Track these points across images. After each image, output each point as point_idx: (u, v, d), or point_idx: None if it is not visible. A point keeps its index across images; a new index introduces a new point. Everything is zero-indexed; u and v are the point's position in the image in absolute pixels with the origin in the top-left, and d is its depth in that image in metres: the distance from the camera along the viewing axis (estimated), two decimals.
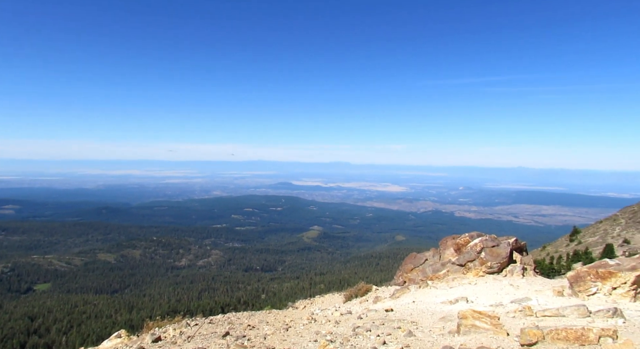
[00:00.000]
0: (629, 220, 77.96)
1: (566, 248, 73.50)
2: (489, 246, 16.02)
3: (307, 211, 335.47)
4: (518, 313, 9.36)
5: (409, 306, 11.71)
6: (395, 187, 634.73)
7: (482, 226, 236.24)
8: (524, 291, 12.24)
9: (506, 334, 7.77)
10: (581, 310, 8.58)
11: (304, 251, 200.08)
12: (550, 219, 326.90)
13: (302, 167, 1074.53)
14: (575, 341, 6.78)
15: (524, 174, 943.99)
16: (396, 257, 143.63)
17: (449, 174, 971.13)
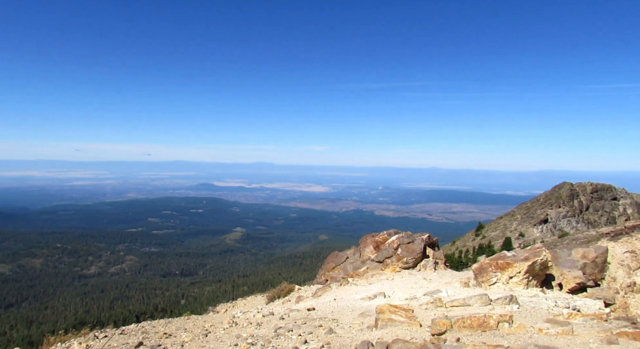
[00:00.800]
0: (524, 215, 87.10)
1: (472, 242, 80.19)
2: (405, 243, 16.91)
3: (230, 213, 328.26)
4: (430, 304, 10.00)
5: (330, 303, 11.96)
6: (318, 187, 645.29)
7: (400, 224, 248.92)
8: (435, 284, 13.12)
9: (419, 325, 8.26)
10: (483, 299, 9.40)
11: (226, 253, 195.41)
12: (459, 216, 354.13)
13: (224, 168, 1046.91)
14: (478, 327, 7.41)
15: (436, 174, 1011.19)
16: (319, 256, 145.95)
17: (369, 174, 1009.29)
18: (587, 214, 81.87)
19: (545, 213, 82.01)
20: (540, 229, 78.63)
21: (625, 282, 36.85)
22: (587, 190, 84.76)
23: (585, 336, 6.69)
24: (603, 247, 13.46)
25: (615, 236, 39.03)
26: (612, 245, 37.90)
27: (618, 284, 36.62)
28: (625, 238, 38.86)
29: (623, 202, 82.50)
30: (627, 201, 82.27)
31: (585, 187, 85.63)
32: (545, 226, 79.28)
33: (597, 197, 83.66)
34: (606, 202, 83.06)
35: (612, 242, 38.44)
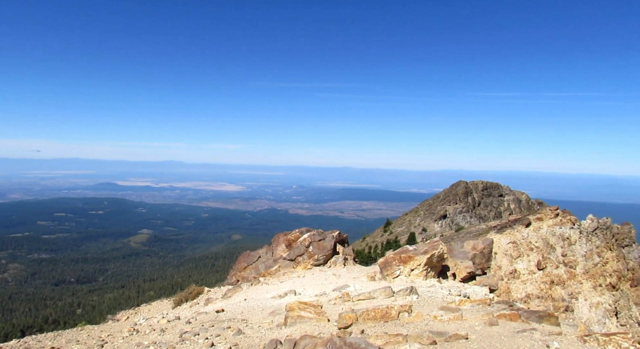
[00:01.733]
0: (426, 212, 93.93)
1: (381, 238, 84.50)
2: (316, 240, 17.26)
3: (135, 214, 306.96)
4: (338, 299, 10.33)
5: (241, 304, 11.78)
6: (231, 186, 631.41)
7: (314, 222, 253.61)
8: (344, 279, 13.59)
9: (327, 320, 8.48)
10: (387, 291, 9.96)
11: (130, 257, 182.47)
12: (369, 213, 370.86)
13: (129, 167, 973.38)
14: (381, 318, 7.83)
15: (348, 173, 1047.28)
16: (232, 256, 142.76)
17: (284, 173, 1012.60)
18: (479, 210, 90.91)
19: (445, 209, 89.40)
20: (440, 224, 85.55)
21: (508, 269, 41.40)
22: (479, 188, 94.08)
23: (472, 320, 7.43)
24: (489, 240, 15.02)
25: (501, 229, 43.77)
26: (498, 237, 42.43)
27: (503, 272, 41.04)
28: (509, 231, 43.73)
29: (507, 199, 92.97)
30: (510, 198, 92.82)
31: (477, 185, 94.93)
32: (444, 221, 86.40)
33: (487, 194, 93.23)
34: (494, 199, 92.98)
35: (498, 234, 43.02)
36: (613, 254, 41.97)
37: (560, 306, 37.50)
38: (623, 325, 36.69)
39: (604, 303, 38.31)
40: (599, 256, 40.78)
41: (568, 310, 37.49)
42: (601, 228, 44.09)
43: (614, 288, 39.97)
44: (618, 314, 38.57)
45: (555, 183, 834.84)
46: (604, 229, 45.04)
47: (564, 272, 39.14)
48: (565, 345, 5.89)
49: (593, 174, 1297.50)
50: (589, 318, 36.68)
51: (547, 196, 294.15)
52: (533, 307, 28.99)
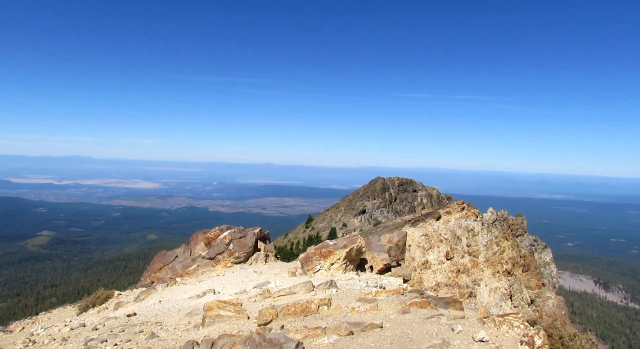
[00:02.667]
0: (347, 207, 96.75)
1: (303, 234, 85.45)
2: (237, 238, 16.93)
3: (34, 214, 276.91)
4: (259, 296, 10.24)
5: (155, 306, 11.17)
6: (146, 183, 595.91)
7: (235, 219, 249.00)
8: (265, 276, 13.51)
9: (247, 318, 8.37)
10: (307, 286, 10.09)
11: (28, 261, 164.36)
12: (292, 209, 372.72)
13: (26, 162, 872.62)
14: (301, 313, 7.91)
15: (270, 169, 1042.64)
16: (147, 258, 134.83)
17: (204, 169, 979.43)
18: (395, 205, 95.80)
19: (364, 205, 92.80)
20: (360, 219, 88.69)
21: (421, 260, 44.10)
22: (395, 184, 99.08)
23: (387, 309, 7.81)
24: (403, 233, 15.89)
25: (415, 222, 46.50)
26: (412, 230, 45.01)
27: (416, 263, 43.63)
28: (422, 224, 46.56)
29: (421, 194, 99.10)
30: (423, 193, 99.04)
31: (394, 182, 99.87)
32: (363, 216, 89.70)
33: (402, 190, 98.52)
34: (409, 194, 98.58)
35: (412, 228, 45.64)
36: (509, 243, 46.74)
37: (465, 292, 40.89)
38: (516, 306, 41.06)
39: (500, 288, 42.52)
40: (498, 245, 45.17)
41: (472, 296, 41.00)
42: (499, 220, 48.85)
43: (509, 273, 44.52)
44: (512, 296, 43.07)
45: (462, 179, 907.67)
46: (502, 220, 49.96)
47: (469, 261, 42.75)
48: (467, 327, 6.45)
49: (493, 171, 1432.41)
50: (489, 302, 40.47)
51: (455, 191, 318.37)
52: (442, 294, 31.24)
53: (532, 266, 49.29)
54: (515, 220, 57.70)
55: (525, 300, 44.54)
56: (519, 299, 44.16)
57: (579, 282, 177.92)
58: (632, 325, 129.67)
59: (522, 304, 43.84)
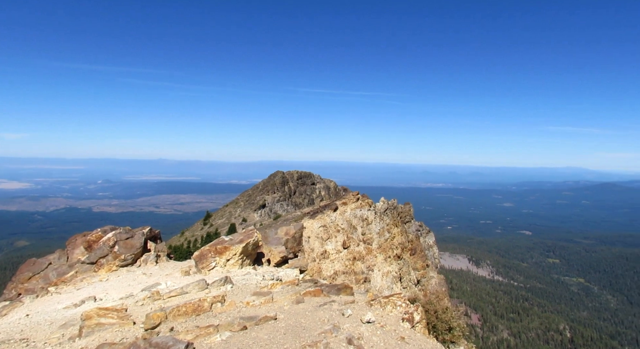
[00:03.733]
0: (246, 202, 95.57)
1: (201, 231, 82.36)
2: (122, 239, 15.60)
3: None
4: (147, 299, 9.56)
5: (21, 321, 9.76)
6: (13, 183, 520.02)
7: (124, 220, 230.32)
8: (156, 278, 12.67)
9: (133, 323, 7.75)
10: (201, 284, 9.70)
11: None
12: (188, 206, 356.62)
13: None
14: (193, 312, 7.56)
15: (164, 165, 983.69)
16: (16, 267, 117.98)
17: (86, 167, 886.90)
18: (295, 198, 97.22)
19: (264, 199, 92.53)
20: (260, 213, 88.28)
21: (320, 251, 45.30)
22: (294, 177, 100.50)
23: (281, 300, 7.85)
24: (299, 225, 16.15)
25: (314, 214, 47.64)
26: (311, 222, 45.98)
27: (315, 253, 44.70)
28: (320, 216, 47.80)
29: (319, 187, 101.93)
30: (321, 186, 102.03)
31: (293, 175, 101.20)
32: (263, 210, 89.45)
33: (301, 183, 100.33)
34: (307, 187, 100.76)
35: (311, 219, 46.62)
36: (398, 230, 50.47)
37: (361, 278, 43.23)
38: (405, 287, 44.58)
39: (392, 271, 45.77)
40: (389, 232, 48.48)
41: (366, 281, 43.50)
42: (390, 208, 52.45)
43: (399, 257, 48.11)
44: (402, 278, 46.64)
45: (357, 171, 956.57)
46: (392, 209, 53.71)
47: (363, 248, 45.21)
48: (357, 311, 6.80)
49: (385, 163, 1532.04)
50: (381, 285, 43.33)
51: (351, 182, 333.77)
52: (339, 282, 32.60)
53: (419, 250, 53.93)
54: (404, 208, 62.53)
55: (413, 281, 48.58)
56: (407, 280, 48.02)
57: (457, 261, 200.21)
58: (497, 295, 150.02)
59: (410, 285, 47.76)
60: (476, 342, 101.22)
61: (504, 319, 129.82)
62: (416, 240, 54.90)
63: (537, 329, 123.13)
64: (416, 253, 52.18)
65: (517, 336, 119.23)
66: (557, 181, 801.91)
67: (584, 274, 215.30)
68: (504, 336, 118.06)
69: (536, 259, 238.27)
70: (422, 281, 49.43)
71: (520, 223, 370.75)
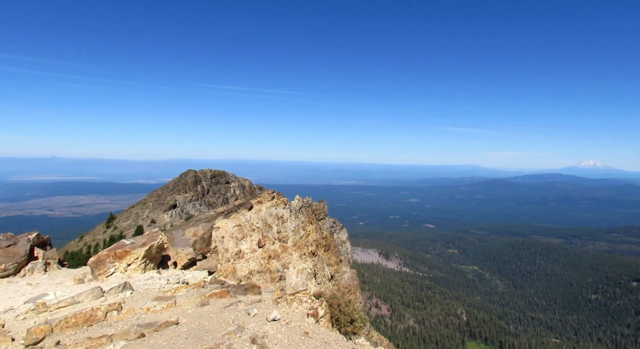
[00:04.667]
0: (155, 203, 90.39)
1: (103, 235, 76.10)
2: (3, 247, 13.80)
3: None
4: (31, 312, 8.56)
5: None
6: None
7: (10, 225, 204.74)
8: (43, 288, 11.41)
9: (11, 340, 6.89)
10: (95, 292, 8.93)
11: None
12: (88, 208, 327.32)
13: None
14: (85, 323, 6.94)
15: (58, 164, 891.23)
16: None
17: None
18: (208, 197, 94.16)
19: (174, 199, 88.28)
20: (170, 214, 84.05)
21: (234, 251, 44.66)
22: (208, 176, 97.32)
23: (185, 304, 7.53)
24: (209, 225, 15.69)
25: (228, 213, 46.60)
26: (225, 222, 45.04)
27: (229, 254, 43.95)
28: (235, 215, 47.00)
29: (233, 185, 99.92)
30: (236, 184, 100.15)
31: (206, 174, 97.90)
32: (174, 211, 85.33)
33: (215, 182, 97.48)
34: (222, 186, 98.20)
35: (225, 219, 45.64)
36: (313, 227, 51.49)
37: (276, 276, 43.30)
38: (319, 283, 45.66)
39: (306, 268, 46.55)
40: (304, 230, 49.21)
41: (282, 279, 43.70)
42: (305, 206, 53.24)
43: (313, 254, 49.14)
44: (316, 275, 47.71)
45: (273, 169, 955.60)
46: (307, 206, 54.57)
47: (279, 247, 45.32)
48: (263, 309, 6.78)
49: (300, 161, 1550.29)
50: (296, 283, 43.84)
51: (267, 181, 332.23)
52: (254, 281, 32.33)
53: (332, 246, 55.55)
54: (318, 205, 63.82)
55: (327, 277, 49.93)
56: (321, 276, 49.19)
57: (368, 255, 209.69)
58: (404, 286, 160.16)
59: (324, 281, 48.98)
60: (385, 331, 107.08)
61: (411, 307, 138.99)
62: (330, 236, 56.44)
63: (438, 315, 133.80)
64: (330, 249, 53.70)
65: (422, 322, 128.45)
66: (456, 177, 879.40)
67: (478, 262, 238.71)
68: (410, 324, 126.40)
69: (438, 251, 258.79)
70: (335, 276, 51.04)
71: (425, 217, 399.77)
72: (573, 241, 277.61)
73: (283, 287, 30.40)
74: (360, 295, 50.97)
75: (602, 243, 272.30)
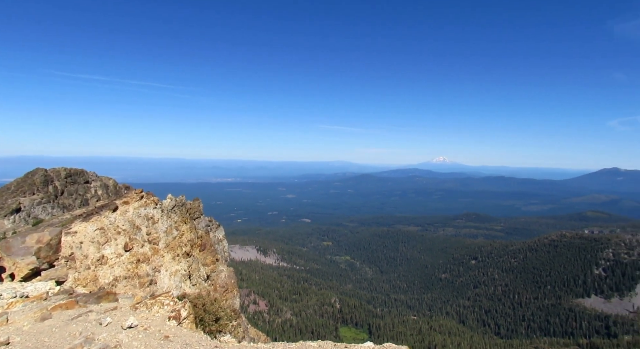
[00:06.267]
0: None
1: None
2: None
3: None
4: None
5: None
6: None
7: None
8: None
9: None
10: None
11: None
12: None
13: None
14: None
15: None
16: None
17: None
18: (63, 199, 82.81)
19: (18, 202, 75.79)
20: (13, 219, 71.93)
21: (96, 257, 40.25)
22: (62, 175, 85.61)
23: (20, 321, 6.48)
24: (57, 229, 13.83)
25: (88, 216, 41.67)
26: (84, 225, 40.26)
27: (90, 260, 39.48)
28: (96, 217, 42.30)
29: (95, 185, 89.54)
30: (97, 184, 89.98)
31: (59, 173, 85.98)
32: (18, 216, 73.18)
33: (71, 182, 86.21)
34: (80, 186, 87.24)
35: (84, 222, 40.78)
36: (187, 227, 49.18)
37: (146, 281, 40.29)
38: (194, 285, 43.86)
39: (180, 270, 44.29)
40: (177, 230, 46.68)
41: (152, 283, 40.84)
42: (178, 205, 50.53)
43: (188, 255, 46.98)
44: (191, 276, 45.73)
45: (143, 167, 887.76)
46: (180, 205, 51.90)
47: (149, 249, 42.20)
48: (118, 317, 6.19)
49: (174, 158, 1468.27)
50: (169, 286, 41.42)
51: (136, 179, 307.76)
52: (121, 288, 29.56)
53: (208, 245, 53.81)
54: (193, 204, 61.24)
55: (203, 277, 48.22)
56: (197, 277, 47.31)
57: (246, 252, 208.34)
58: (281, 280, 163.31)
59: (199, 281, 47.22)
60: (263, 327, 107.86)
61: (288, 301, 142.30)
62: (206, 235, 54.57)
63: (314, 306, 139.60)
64: (206, 249, 51.90)
65: (299, 314, 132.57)
66: (330, 173, 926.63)
67: (350, 252, 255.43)
68: (287, 317, 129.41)
69: (314, 244, 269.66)
70: (212, 275, 49.54)
71: (302, 212, 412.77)
72: (428, 228, 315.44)
73: (154, 291, 28.50)
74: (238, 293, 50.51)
75: (450, 229, 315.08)
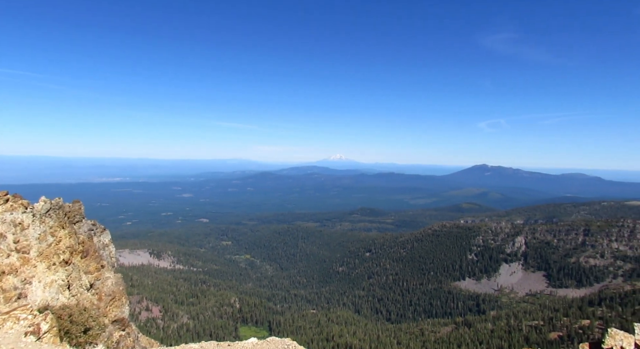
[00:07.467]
0: None
1: None
2: None
3: None
4: None
5: None
6: None
7: None
8: None
9: None
10: None
11: None
12: None
13: None
14: None
15: None
16: None
17: None
18: None
19: None
20: None
21: None
22: None
23: None
24: None
25: None
26: None
27: None
28: None
29: None
30: None
31: None
32: None
33: None
34: None
35: None
36: (66, 232, 44.66)
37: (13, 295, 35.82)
38: (74, 295, 40.07)
39: (57, 280, 40.12)
40: (53, 236, 42.09)
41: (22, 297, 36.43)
42: (54, 209, 45.55)
43: (67, 263, 42.75)
44: (70, 286, 41.69)
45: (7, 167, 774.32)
46: (57, 209, 46.88)
47: (17, 259, 37.49)
48: None
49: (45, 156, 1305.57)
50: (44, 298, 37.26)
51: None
52: None
53: (92, 251, 49.47)
54: (72, 207, 55.61)
55: (85, 286, 44.24)
56: (78, 286, 43.27)
57: (138, 256, 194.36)
58: (177, 283, 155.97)
59: (81, 290, 43.26)
60: (157, 334, 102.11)
61: (185, 304, 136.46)
62: (89, 241, 50.09)
63: (212, 308, 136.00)
64: (89, 255, 47.70)
65: (196, 317, 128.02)
66: (228, 171, 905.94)
67: (250, 250, 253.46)
68: (184, 321, 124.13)
69: (213, 244, 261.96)
70: (96, 284, 45.72)
71: (199, 212, 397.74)
72: (326, 224, 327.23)
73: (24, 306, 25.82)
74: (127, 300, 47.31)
75: (346, 223, 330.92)
